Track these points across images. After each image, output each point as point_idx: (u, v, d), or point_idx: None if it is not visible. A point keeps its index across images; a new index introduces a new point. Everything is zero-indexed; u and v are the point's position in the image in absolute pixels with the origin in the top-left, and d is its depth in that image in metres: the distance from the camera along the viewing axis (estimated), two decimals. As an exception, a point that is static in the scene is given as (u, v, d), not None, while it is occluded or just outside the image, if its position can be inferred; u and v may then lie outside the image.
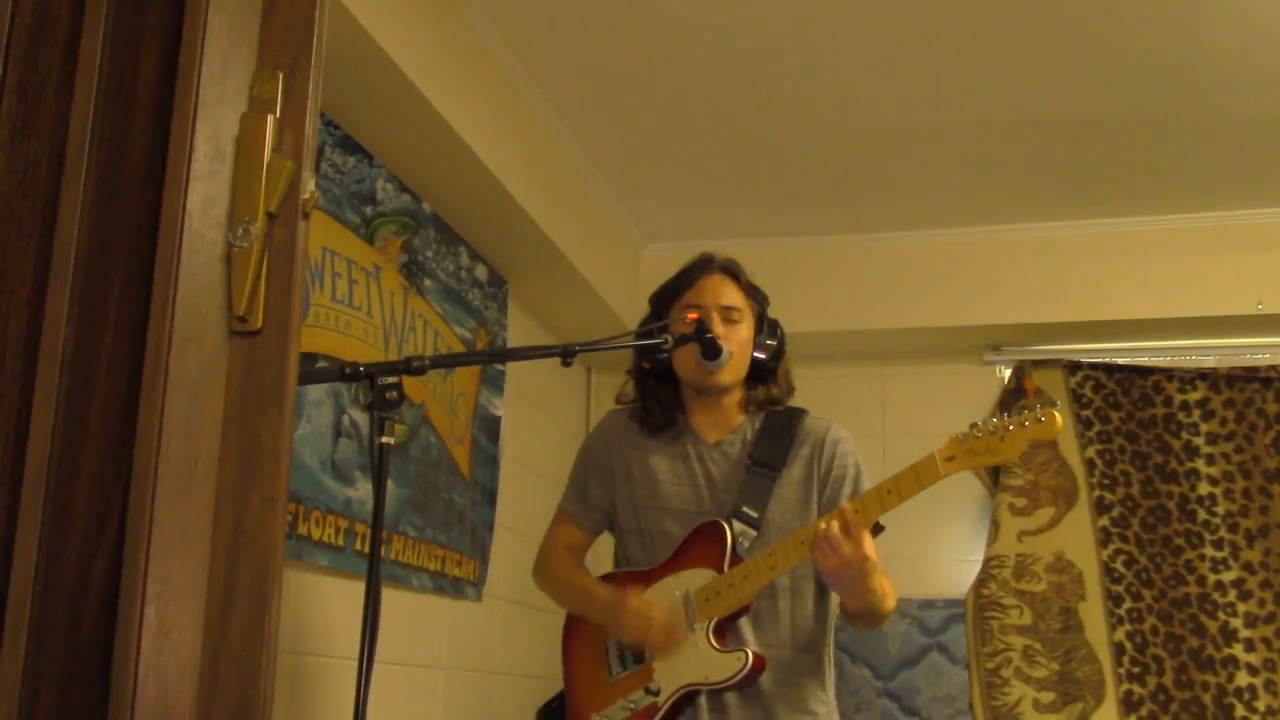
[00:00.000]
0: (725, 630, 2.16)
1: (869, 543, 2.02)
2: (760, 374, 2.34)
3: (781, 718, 2.16)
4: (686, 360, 2.27)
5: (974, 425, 2.04)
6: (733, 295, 2.31)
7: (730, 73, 3.05)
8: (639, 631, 2.16)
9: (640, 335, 2.24)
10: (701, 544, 2.20)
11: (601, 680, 2.26)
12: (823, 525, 2.03)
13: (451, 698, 3.09)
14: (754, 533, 2.19)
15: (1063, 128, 3.29)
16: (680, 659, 2.15)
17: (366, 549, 2.09)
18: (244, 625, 0.82)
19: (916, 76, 3.04)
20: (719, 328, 2.25)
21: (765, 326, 2.35)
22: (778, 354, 2.36)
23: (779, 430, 2.30)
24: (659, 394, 2.35)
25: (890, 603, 2.16)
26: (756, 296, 2.36)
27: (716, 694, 2.14)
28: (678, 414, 2.35)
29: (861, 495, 2.13)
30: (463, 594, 3.17)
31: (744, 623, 2.18)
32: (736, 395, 2.33)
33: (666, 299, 2.35)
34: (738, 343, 2.28)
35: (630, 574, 2.29)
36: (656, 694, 2.15)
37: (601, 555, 2.48)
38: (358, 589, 1.79)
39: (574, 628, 2.36)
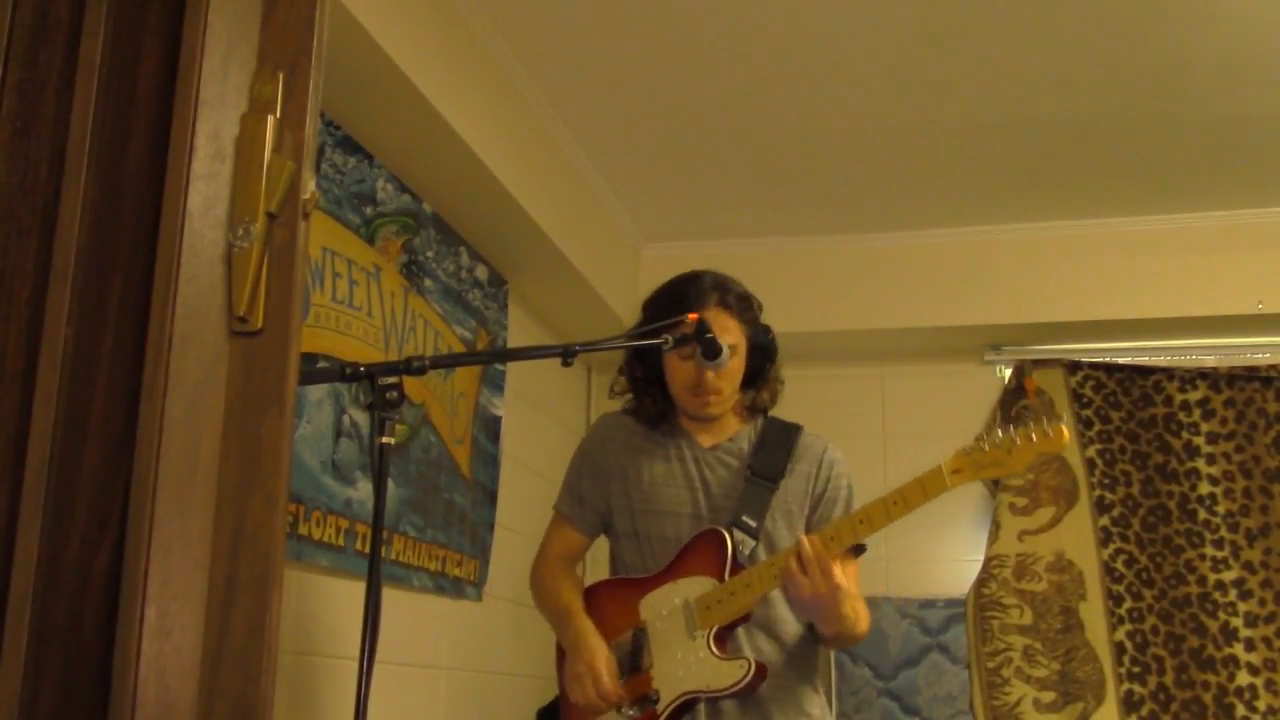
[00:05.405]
0: (725, 638, 2.16)
1: (838, 572, 2.01)
2: (751, 379, 2.33)
3: None
4: (683, 377, 2.25)
5: (980, 438, 2.04)
6: (733, 333, 2.24)
7: (730, 73, 3.05)
8: (576, 690, 2.18)
9: (638, 336, 2.21)
10: (701, 552, 2.20)
11: None
12: (792, 561, 2.02)
13: (451, 698, 3.09)
14: (753, 542, 2.20)
15: (1063, 128, 3.29)
16: (680, 666, 2.14)
17: (367, 549, 2.08)
18: (245, 625, 0.82)
19: (916, 76, 3.04)
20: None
21: (759, 332, 2.31)
22: (770, 361, 2.35)
23: (777, 442, 2.30)
24: (652, 392, 2.34)
25: (862, 627, 2.15)
26: (748, 318, 2.30)
27: (714, 701, 2.15)
28: (669, 410, 2.33)
29: (837, 520, 2.13)
30: (463, 594, 3.17)
31: (739, 629, 2.19)
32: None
33: (662, 318, 2.26)
34: (728, 375, 2.24)
35: (628, 581, 2.28)
36: (655, 701, 2.15)
37: (598, 558, 2.47)
38: (358, 589, 1.79)
39: None
